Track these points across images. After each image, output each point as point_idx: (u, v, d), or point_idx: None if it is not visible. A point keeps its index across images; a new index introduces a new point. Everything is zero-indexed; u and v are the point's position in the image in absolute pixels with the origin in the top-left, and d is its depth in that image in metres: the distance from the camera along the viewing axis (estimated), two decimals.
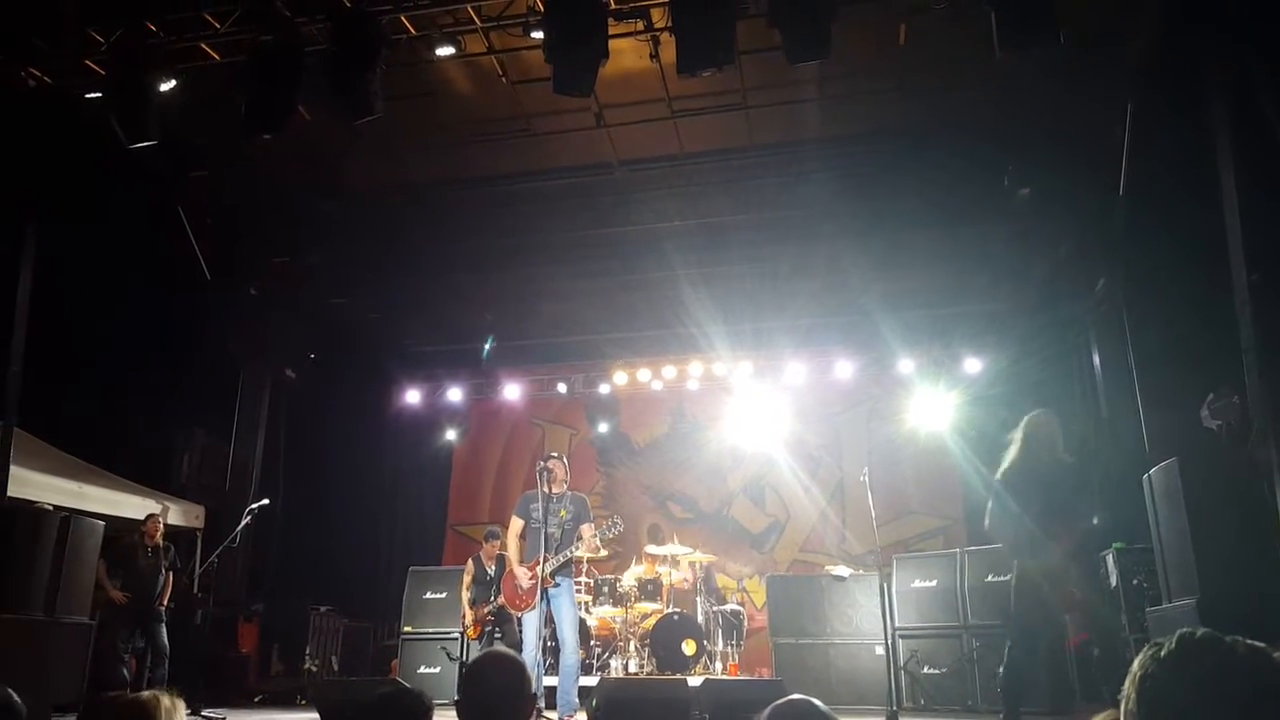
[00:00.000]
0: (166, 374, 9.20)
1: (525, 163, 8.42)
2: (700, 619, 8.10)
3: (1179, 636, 1.15)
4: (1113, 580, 6.68)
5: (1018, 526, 4.63)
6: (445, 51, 6.45)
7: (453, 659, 7.92)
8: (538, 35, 5.93)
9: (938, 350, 10.17)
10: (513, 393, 11.20)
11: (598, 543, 5.83)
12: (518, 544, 5.82)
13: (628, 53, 6.66)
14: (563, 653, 5.60)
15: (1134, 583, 6.40)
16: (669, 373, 10.85)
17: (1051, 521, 4.55)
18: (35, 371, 6.85)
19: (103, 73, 6.27)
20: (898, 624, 7.45)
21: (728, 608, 8.49)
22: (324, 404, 10.93)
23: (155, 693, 1.89)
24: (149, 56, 6.05)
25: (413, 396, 11.40)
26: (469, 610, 7.41)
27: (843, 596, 7.77)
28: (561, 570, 5.62)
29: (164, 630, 7.04)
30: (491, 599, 7.18)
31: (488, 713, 2.02)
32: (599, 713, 4.83)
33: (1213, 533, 4.58)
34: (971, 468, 9.29)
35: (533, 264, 9.59)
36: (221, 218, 9.13)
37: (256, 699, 8.19)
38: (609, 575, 8.51)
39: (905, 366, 10.14)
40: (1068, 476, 4.68)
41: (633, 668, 7.82)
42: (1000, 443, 4.98)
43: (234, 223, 9.18)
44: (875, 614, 7.12)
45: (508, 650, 2.42)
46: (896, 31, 6.74)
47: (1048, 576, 4.55)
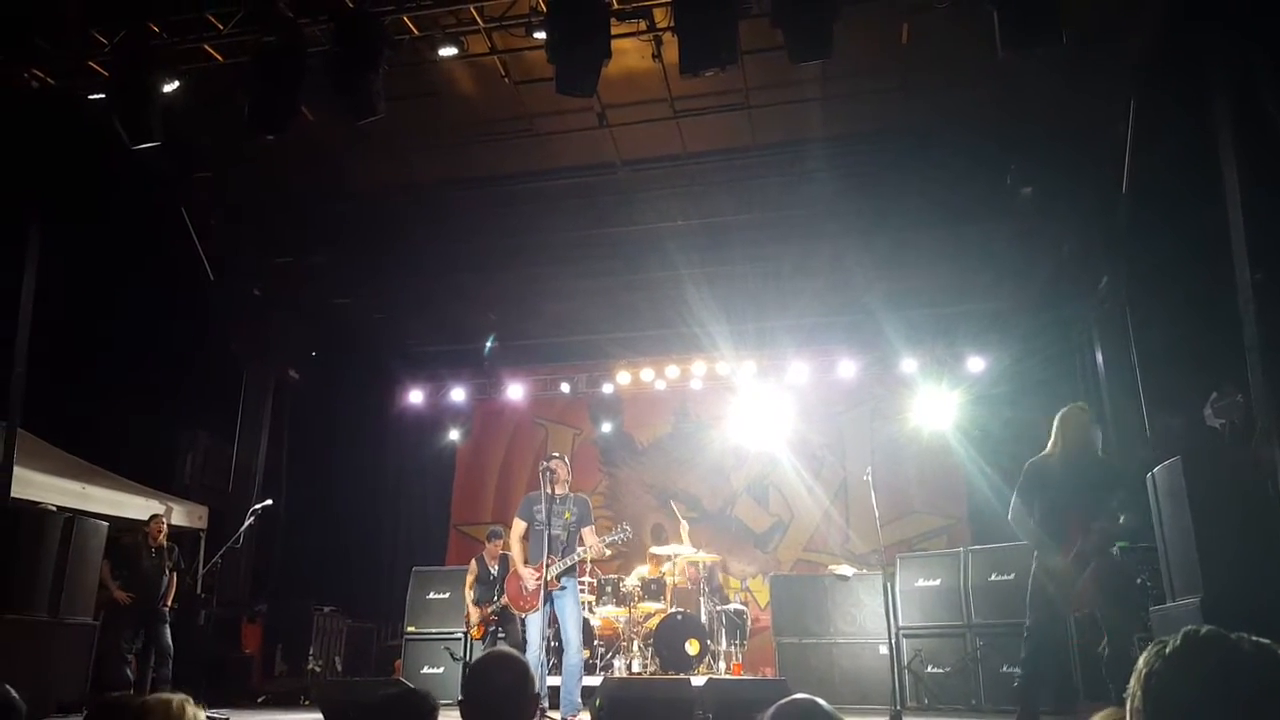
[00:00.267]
0: (169, 374, 9.22)
1: (528, 163, 8.43)
2: (704, 618, 8.10)
3: (1184, 634, 1.15)
4: (1139, 579, 6.66)
5: (1037, 522, 4.62)
6: (448, 52, 6.45)
7: (456, 659, 7.92)
8: (540, 35, 5.93)
9: (941, 349, 10.16)
10: (516, 392, 11.21)
11: (604, 546, 5.83)
12: (521, 546, 5.82)
13: (630, 53, 6.67)
14: (566, 652, 5.60)
15: (1138, 581, 6.38)
16: (672, 372, 10.85)
17: (1068, 519, 4.53)
18: (39, 372, 6.87)
19: (106, 74, 6.28)
20: (901, 623, 7.43)
21: (731, 607, 8.49)
22: (327, 404, 10.95)
23: (183, 699, 1.85)
24: (152, 57, 6.06)
25: (416, 396, 11.41)
26: (472, 610, 7.42)
27: (846, 596, 7.77)
28: (566, 572, 5.62)
29: (168, 631, 7.06)
30: (495, 599, 7.19)
31: (491, 713, 2.02)
32: (602, 712, 4.83)
33: (1216, 531, 4.56)
34: (975, 467, 9.28)
35: (536, 264, 9.59)
36: (224, 218, 9.14)
37: (260, 699, 8.19)
38: (612, 575, 8.51)
39: (908, 366, 10.13)
40: (1096, 473, 4.63)
41: (636, 667, 7.82)
42: (1004, 441, 4.98)
43: (237, 223, 9.20)
44: (879, 613, 7.12)
45: (511, 650, 2.42)
46: (899, 31, 6.73)
47: (1055, 575, 4.54)
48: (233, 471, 9.79)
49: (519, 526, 5.84)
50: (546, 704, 5.63)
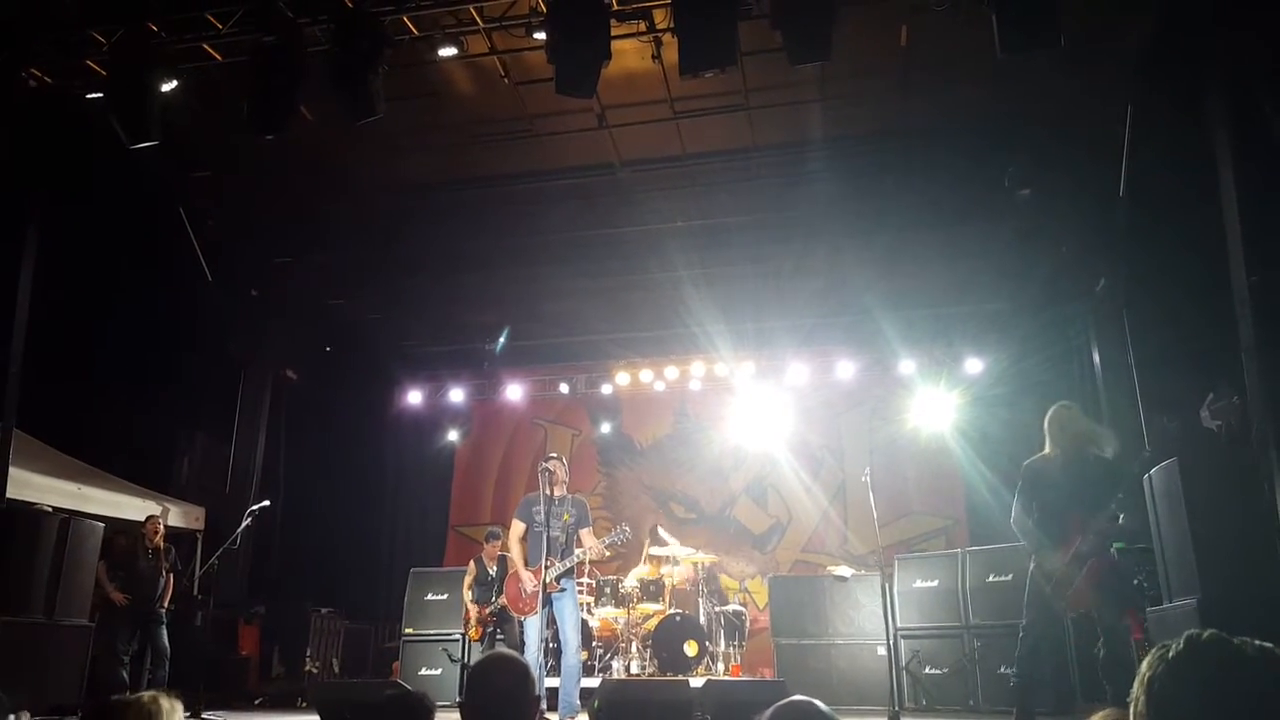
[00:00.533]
0: (166, 375, 9.20)
1: (528, 163, 8.43)
2: (702, 620, 8.09)
3: (1187, 638, 1.15)
4: (1134, 579, 6.67)
5: (1033, 524, 4.62)
6: (448, 52, 6.45)
7: (454, 661, 7.91)
8: (540, 36, 5.93)
9: (939, 350, 10.17)
10: (514, 393, 11.20)
11: (603, 547, 5.83)
12: (520, 547, 5.82)
13: (630, 54, 6.67)
14: (565, 654, 5.59)
15: (1135, 583, 6.39)
16: (671, 373, 10.85)
17: (1063, 520, 4.53)
18: (35, 372, 6.85)
19: (104, 73, 6.27)
20: (899, 624, 7.44)
21: (730, 608, 8.49)
22: (325, 405, 10.94)
23: (154, 693, 1.87)
24: (150, 57, 6.04)
25: (414, 397, 11.39)
26: (471, 611, 7.41)
27: (845, 597, 7.77)
28: (565, 574, 5.62)
29: (164, 632, 7.04)
30: (493, 600, 7.18)
31: (491, 715, 2.02)
32: (600, 714, 4.83)
33: (1213, 533, 4.57)
34: (973, 468, 9.30)
35: (535, 264, 9.58)
36: (223, 218, 9.13)
37: (257, 701, 8.18)
38: (611, 576, 8.51)
39: (907, 367, 10.14)
40: (1093, 474, 4.62)
41: (635, 669, 7.82)
42: (1002, 442, 4.99)
43: (235, 223, 9.18)
44: (877, 614, 7.11)
45: (511, 652, 2.42)
46: (898, 32, 6.74)
47: (1050, 576, 4.54)
48: (230, 472, 9.77)
49: (517, 528, 5.83)
50: (544, 705, 5.63)
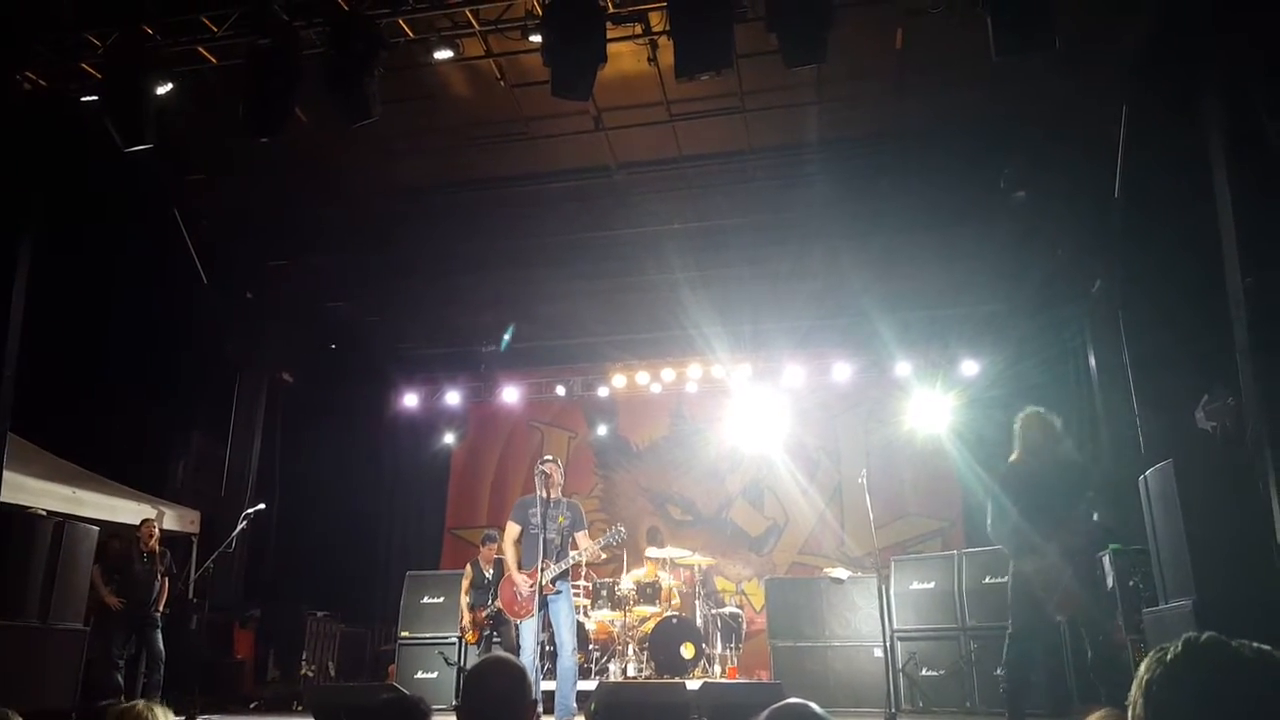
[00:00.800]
0: (162, 378, 9.17)
1: (524, 166, 8.43)
2: (699, 622, 8.09)
3: (1184, 640, 1.15)
4: (1109, 581, 6.69)
5: (1012, 528, 4.64)
6: (443, 55, 6.45)
7: (450, 664, 7.89)
8: (536, 39, 5.93)
9: (935, 352, 10.19)
10: (511, 395, 11.19)
11: (599, 549, 5.82)
12: (514, 549, 5.81)
13: (626, 56, 6.68)
14: (560, 656, 5.58)
15: (1130, 584, 6.40)
16: (667, 375, 10.85)
17: (1042, 522, 4.55)
18: (29, 376, 6.82)
19: (99, 76, 6.25)
20: (896, 626, 7.44)
21: (726, 610, 8.49)
22: (321, 408, 10.91)
23: (146, 702, 1.88)
24: (145, 59, 6.03)
25: (410, 400, 11.37)
26: (467, 614, 7.39)
27: (841, 599, 7.77)
28: (560, 576, 5.61)
29: (159, 636, 7.01)
30: (489, 603, 7.16)
31: (488, 718, 2.01)
32: (597, 716, 4.82)
33: (1209, 534, 4.58)
34: (969, 470, 9.30)
35: (531, 266, 9.58)
36: (218, 221, 9.11)
37: (252, 705, 8.15)
38: (607, 579, 8.50)
39: (903, 369, 10.16)
40: (1064, 475, 4.67)
41: (631, 671, 7.81)
42: (998, 444, 5.01)
43: (230, 226, 9.16)
44: (873, 616, 7.12)
45: (509, 655, 2.41)
46: (893, 35, 6.76)
47: (1039, 578, 4.56)
48: (225, 475, 9.74)
49: (512, 530, 5.82)
50: (541, 709, 5.62)
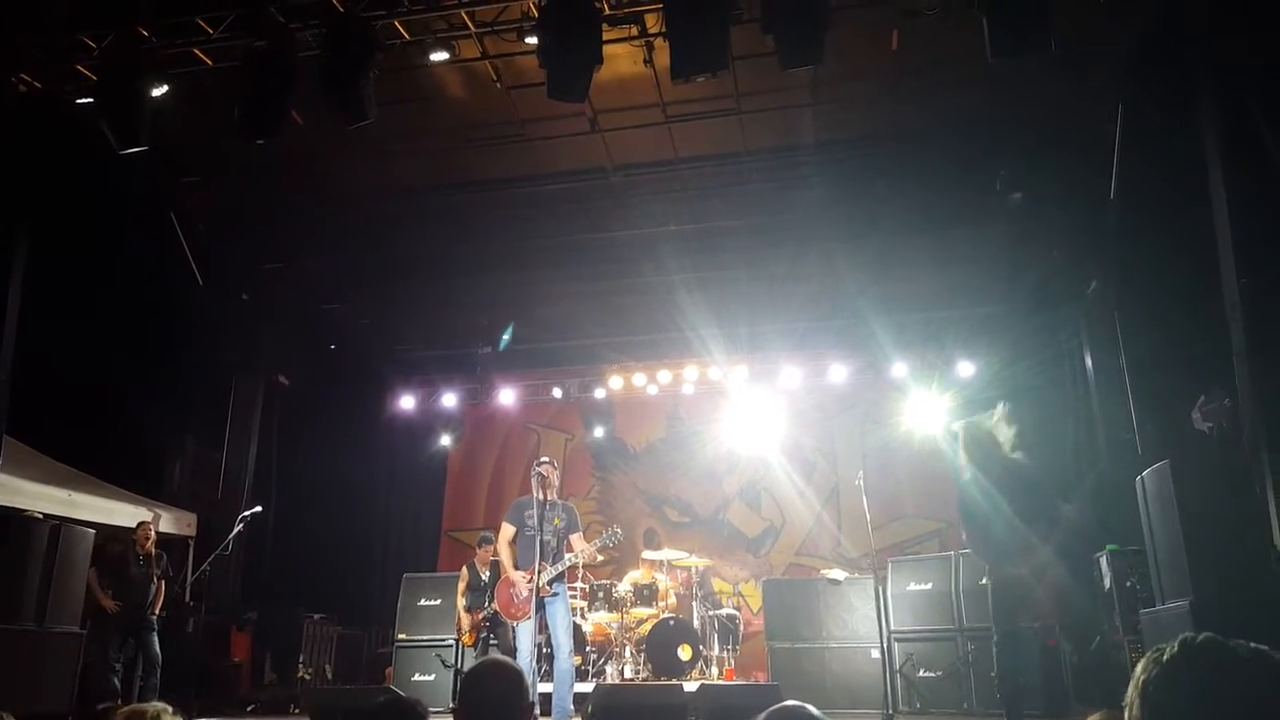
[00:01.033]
0: (158, 381, 9.14)
1: (520, 168, 8.42)
2: (696, 624, 8.09)
3: (1181, 641, 1.15)
4: (1106, 582, 6.70)
5: (981, 537, 4.68)
6: (439, 57, 6.45)
7: (447, 666, 7.88)
8: (532, 40, 5.94)
9: (931, 354, 10.20)
10: (507, 398, 11.17)
11: (595, 550, 5.82)
12: (509, 550, 5.80)
13: (622, 58, 6.68)
14: (557, 658, 5.57)
15: (1127, 585, 6.41)
16: (664, 377, 10.85)
17: (1001, 533, 4.59)
18: (25, 378, 6.80)
19: (94, 78, 6.24)
20: (893, 627, 7.44)
21: (723, 612, 8.48)
22: (317, 410, 10.88)
23: (160, 705, 1.86)
24: (141, 61, 6.03)
25: (407, 402, 11.36)
26: (464, 616, 7.38)
27: (838, 600, 7.77)
28: (557, 578, 5.61)
29: (156, 639, 6.99)
30: (486, 605, 7.15)
31: None
32: (594, 719, 4.82)
33: (1205, 534, 4.60)
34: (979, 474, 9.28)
35: (528, 268, 9.58)
36: (213, 223, 9.09)
37: (249, 708, 8.12)
38: (605, 580, 8.49)
39: (899, 370, 10.17)
40: (1024, 476, 4.71)
41: (629, 673, 7.80)
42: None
43: (226, 228, 9.14)
44: (871, 617, 7.12)
45: (505, 658, 2.40)
46: (889, 37, 6.77)
47: (1012, 585, 4.60)
48: (221, 478, 9.71)
49: (507, 531, 5.82)
50: (538, 711, 5.61)
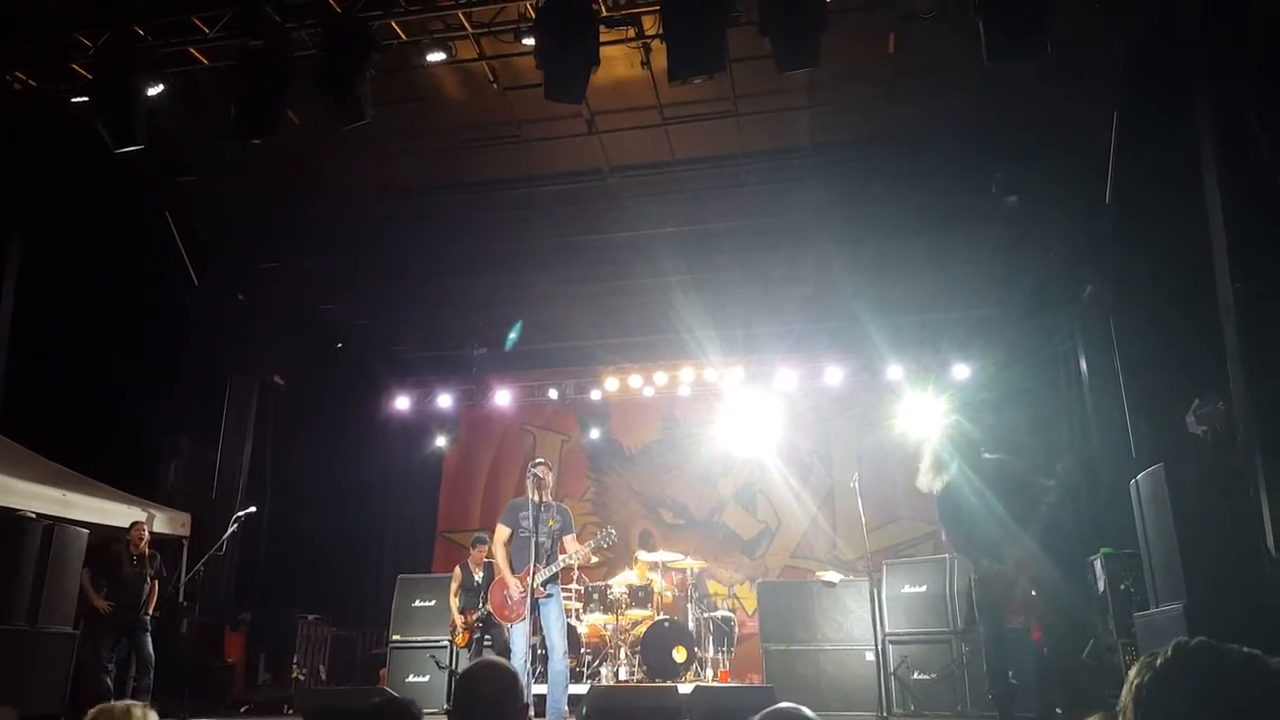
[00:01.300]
0: (152, 380, 9.11)
1: (516, 168, 8.42)
2: (691, 626, 8.08)
3: (1174, 645, 1.15)
4: (1100, 585, 6.72)
5: (965, 537, 4.71)
6: (436, 57, 6.44)
7: (442, 667, 7.86)
8: (529, 42, 5.94)
9: (927, 356, 10.22)
10: (503, 399, 11.16)
11: (589, 552, 5.82)
12: (504, 552, 5.79)
13: (619, 60, 6.69)
14: (551, 659, 5.56)
15: (1121, 588, 6.43)
16: (660, 379, 10.85)
17: (980, 534, 4.61)
18: (19, 377, 6.78)
19: (90, 76, 6.23)
20: (888, 629, 7.44)
21: (718, 614, 8.47)
22: (312, 410, 10.86)
23: (129, 704, 1.85)
24: (136, 61, 6.01)
25: (402, 403, 11.34)
26: (457, 617, 7.37)
27: (833, 602, 7.77)
28: (551, 579, 5.60)
29: (149, 640, 6.96)
30: (480, 605, 7.14)
31: None
32: None
33: (1199, 538, 4.61)
34: (961, 474, 9.31)
35: (524, 269, 9.57)
36: (209, 223, 9.07)
37: (243, 709, 8.09)
38: (599, 582, 8.48)
39: (895, 372, 10.18)
40: (1008, 473, 4.74)
41: (623, 675, 7.78)
42: (991, 447, 5.06)
43: (221, 228, 9.12)
44: (865, 620, 7.13)
45: (499, 659, 2.40)
46: (886, 39, 6.79)
47: (993, 584, 4.63)
48: (216, 478, 9.68)
49: (502, 532, 5.81)
50: (533, 712, 5.60)
